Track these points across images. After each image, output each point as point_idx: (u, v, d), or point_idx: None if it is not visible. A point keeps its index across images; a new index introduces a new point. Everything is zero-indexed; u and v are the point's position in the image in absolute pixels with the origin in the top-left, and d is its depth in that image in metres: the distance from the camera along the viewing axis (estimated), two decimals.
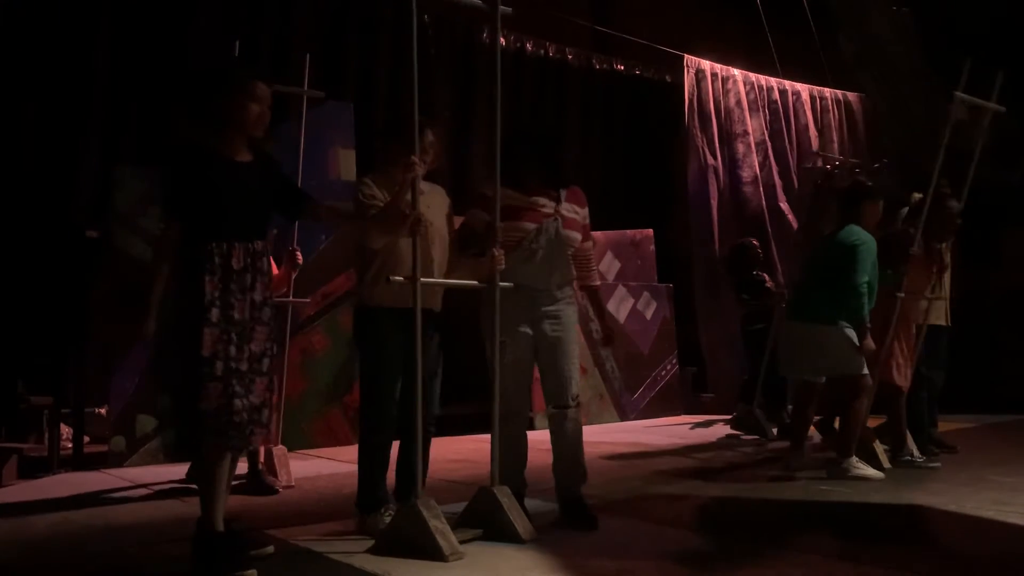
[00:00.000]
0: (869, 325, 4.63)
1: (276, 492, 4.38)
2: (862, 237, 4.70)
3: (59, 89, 6.43)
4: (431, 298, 3.47)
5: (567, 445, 3.64)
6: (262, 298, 3.02)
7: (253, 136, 3.05)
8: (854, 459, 4.64)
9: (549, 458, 3.70)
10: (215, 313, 2.88)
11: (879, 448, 4.92)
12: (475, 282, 3.48)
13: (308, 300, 5.51)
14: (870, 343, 4.65)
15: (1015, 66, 5.92)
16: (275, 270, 4.68)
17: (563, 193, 3.71)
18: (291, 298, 4.84)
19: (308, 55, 5.32)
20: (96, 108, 6.62)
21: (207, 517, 2.91)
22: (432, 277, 3.42)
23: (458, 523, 3.29)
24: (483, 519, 3.30)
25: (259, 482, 4.40)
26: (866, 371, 4.65)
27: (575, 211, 3.72)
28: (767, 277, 7.05)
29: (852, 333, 4.61)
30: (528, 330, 3.58)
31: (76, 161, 6.51)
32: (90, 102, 6.59)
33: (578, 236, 3.71)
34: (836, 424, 5.22)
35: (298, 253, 4.65)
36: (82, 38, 6.57)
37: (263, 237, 3.07)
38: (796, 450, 4.91)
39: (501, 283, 3.45)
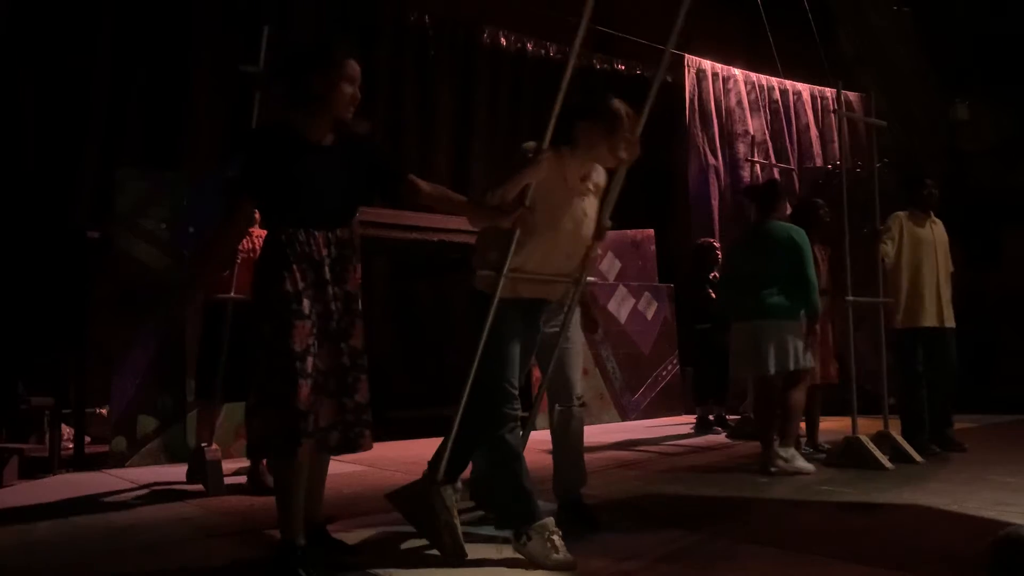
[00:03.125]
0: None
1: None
2: (797, 229, 4.89)
3: (61, 91, 6.44)
4: (550, 288, 3.26)
5: (570, 445, 3.64)
6: (354, 290, 2.84)
7: (343, 118, 2.83)
8: (792, 450, 4.80)
9: (548, 459, 3.69)
10: (306, 304, 2.68)
11: (875, 448, 4.94)
12: (563, 278, 3.30)
13: None
14: (822, 331, 5.04)
15: (1014, 67, 5.91)
16: None
17: None
18: None
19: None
20: (97, 110, 6.63)
21: (284, 527, 2.72)
22: (558, 270, 3.22)
23: (461, 520, 3.28)
24: (488, 517, 3.27)
25: (259, 482, 4.40)
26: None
27: None
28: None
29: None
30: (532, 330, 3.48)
31: (77, 162, 6.52)
32: (91, 104, 6.60)
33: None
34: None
35: None
36: (84, 40, 6.58)
37: (348, 224, 2.87)
38: (768, 449, 4.93)
39: (589, 279, 3.40)
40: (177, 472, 4.86)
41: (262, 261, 2.79)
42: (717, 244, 7.36)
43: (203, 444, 4.51)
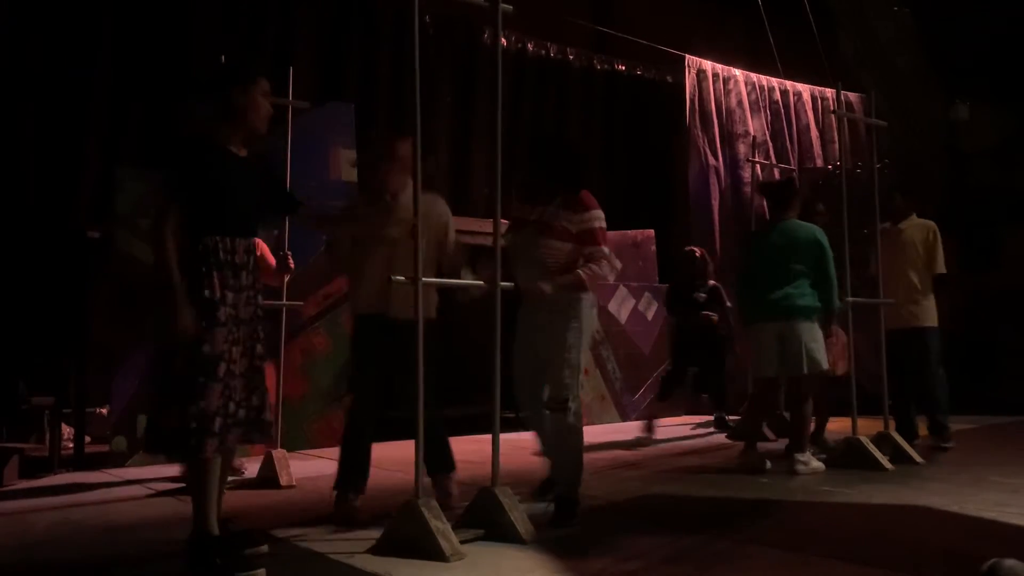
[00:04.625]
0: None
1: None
2: (820, 229, 4.90)
3: (61, 90, 6.43)
4: (404, 308, 3.46)
5: (553, 444, 3.71)
6: (259, 295, 3.05)
7: (259, 132, 3.08)
8: (808, 453, 4.81)
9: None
10: (223, 312, 2.86)
11: (875, 449, 4.94)
12: (478, 282, 3.50)
13: (302, 303, 5.50)
14: (839, 330, 5.05)
15: (1013, 67, 5.91)
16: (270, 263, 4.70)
17: (557, 200, 3.68)
18: (285, 301, 4.85)
19: (291, 68, 5.22)
20: (97, 109, 6.62)
21: (200, 520, 2.88)
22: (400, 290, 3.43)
23: (459, 523, 3.29)
24: (484, 519, 3.31)
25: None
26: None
27: (565, 218, 3.65)
28: (702, 297, 6.88)
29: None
30: (530, 333, 3.70)
31: (77, 162, 6.51)
32: (91, 103, 6.60)
33: (558, 243, 3.63)
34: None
35: (290, 257, 4.44)
36: (84, 40, 6.58)
37: (256, 234, 3.09)
38: (752, 450, 4.95)
39: (502, 284, 3.47)
40: (176, 471, 4.86)
41: (182, 268, 2.86)
42: (697, 252, 7.16)
43: None
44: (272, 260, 4.56)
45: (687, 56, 9.24)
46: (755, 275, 4.98)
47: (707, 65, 9.38)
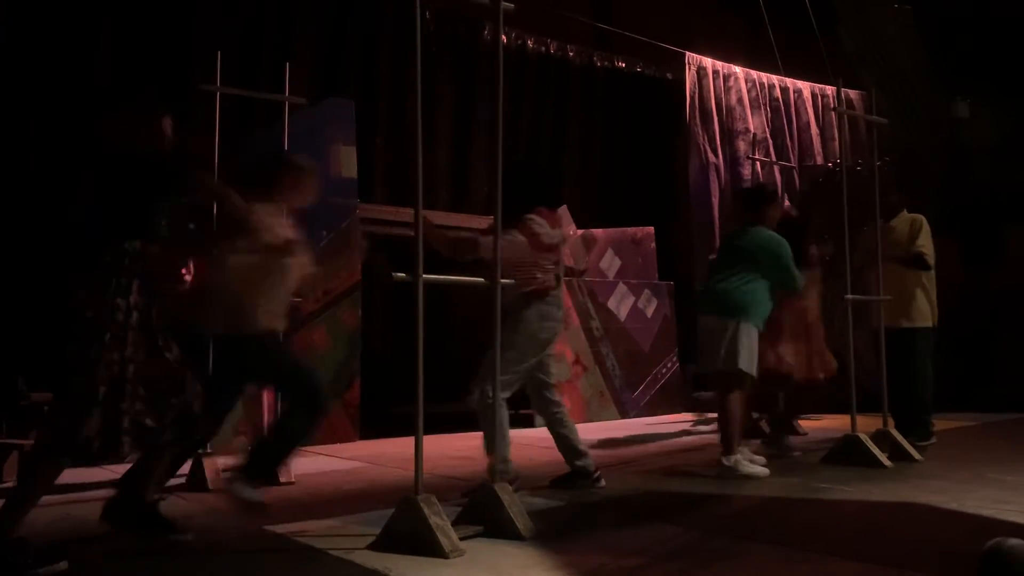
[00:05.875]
0: None
1: None
2: (778, 237, 4.80)
3: (61, 89, 6.43)
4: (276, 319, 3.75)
5: None
6: None
7: None
8: (739, 456, 4.63)
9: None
10: (135, 316, 3.15)
11: (873, 446, 4.94)
12: (479, 279, 3.53)
13: (300, 299, 5.50)
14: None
15: (1014, 64, 5.90)
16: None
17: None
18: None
19: (288, 63, 5.25)
20: (98, 107, 6.62)
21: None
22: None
23: (458, 519, 3.30)
24: (484, 515, 3.31)
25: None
26: None
27: (512, 236, 4.03)
28: None
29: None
30: None
31: (77, 161, 6.51)
32: (92, 102, 6.59)
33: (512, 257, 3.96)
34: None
35: None
36: (84, 39, 6.57)
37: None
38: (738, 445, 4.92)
39: (503, 280, 3.52)
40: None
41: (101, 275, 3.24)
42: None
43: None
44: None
45: (687, 53, 9.24)
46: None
47: (707, 62, 9.37)
